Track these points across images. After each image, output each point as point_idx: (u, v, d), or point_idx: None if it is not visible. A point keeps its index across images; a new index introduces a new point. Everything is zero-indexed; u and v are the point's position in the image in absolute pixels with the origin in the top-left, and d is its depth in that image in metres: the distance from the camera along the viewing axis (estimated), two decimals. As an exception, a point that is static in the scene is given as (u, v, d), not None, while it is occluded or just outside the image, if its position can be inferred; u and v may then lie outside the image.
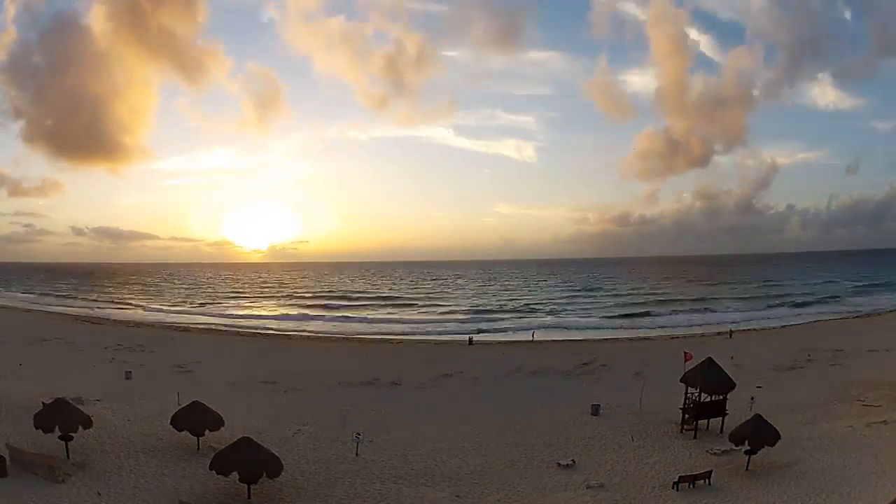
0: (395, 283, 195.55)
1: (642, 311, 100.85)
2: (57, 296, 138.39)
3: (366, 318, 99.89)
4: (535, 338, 72.08)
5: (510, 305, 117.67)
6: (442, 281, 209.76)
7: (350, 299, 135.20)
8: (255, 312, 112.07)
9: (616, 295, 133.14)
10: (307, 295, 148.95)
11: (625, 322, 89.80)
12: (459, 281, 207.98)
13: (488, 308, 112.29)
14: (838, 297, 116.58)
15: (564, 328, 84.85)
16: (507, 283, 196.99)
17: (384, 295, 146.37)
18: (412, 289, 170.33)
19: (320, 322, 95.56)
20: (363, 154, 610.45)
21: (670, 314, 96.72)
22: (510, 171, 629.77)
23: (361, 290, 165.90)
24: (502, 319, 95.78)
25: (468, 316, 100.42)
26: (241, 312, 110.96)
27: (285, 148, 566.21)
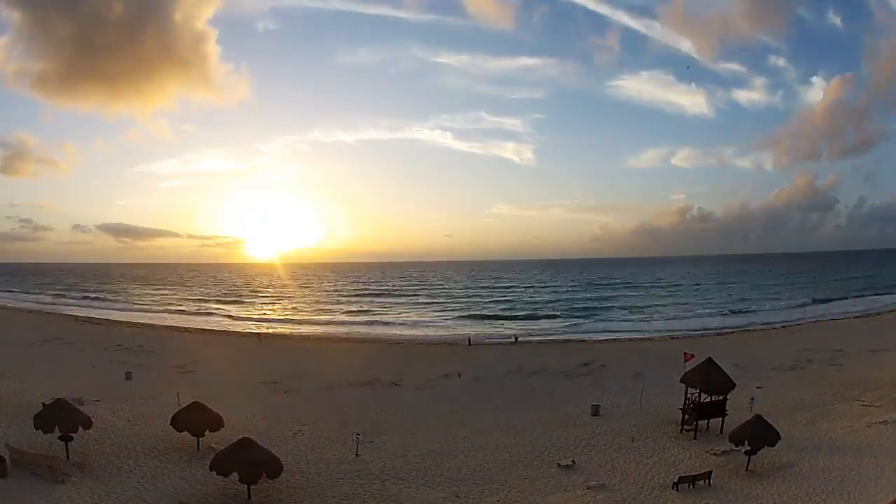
0: (405, 284, 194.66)
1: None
2: (57, 296, 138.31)
3: (368, 320, 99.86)
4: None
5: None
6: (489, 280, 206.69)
7: (352, 299, 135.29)
8: (258, 313, 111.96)
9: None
10: (310, 295, 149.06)
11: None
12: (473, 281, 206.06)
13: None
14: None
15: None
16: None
17: (388, 294, 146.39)
18: (420, 289, 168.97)
19: (322, 323, 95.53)
20: (377, 158, 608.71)
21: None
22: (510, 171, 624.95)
23: (365, 290, 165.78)
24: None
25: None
26: (243, 312, 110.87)
27: (287, 150, 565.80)
